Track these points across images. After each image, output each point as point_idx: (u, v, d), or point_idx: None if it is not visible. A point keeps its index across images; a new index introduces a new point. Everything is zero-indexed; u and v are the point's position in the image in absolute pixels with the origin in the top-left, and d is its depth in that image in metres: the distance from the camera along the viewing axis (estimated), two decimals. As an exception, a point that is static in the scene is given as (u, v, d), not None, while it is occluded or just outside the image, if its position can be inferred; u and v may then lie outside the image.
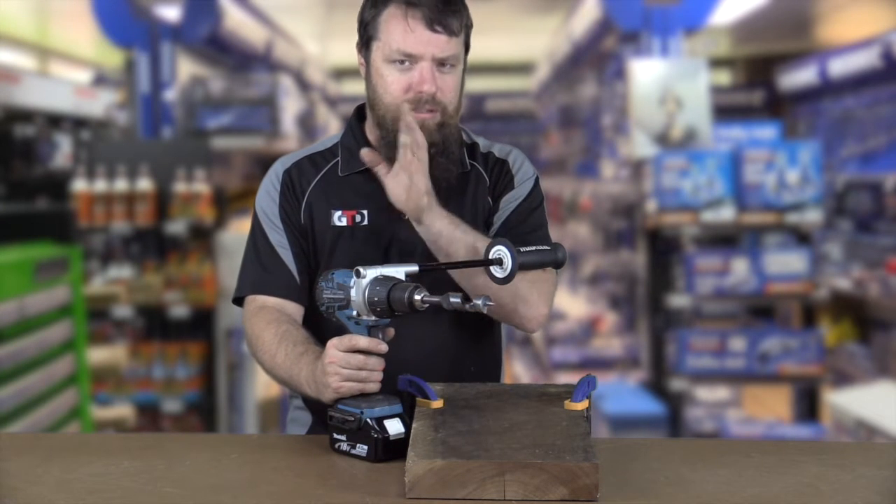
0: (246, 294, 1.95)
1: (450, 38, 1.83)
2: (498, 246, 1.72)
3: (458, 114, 1.90)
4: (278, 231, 1.94)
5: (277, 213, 1.95)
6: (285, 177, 1.96)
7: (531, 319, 1.89)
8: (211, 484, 1.56)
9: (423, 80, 1.83)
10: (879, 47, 7.29)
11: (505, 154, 2.00)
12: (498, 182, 1.97)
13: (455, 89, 1.87)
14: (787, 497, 1.48)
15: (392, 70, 1.85)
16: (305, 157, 1.99)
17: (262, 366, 1.89)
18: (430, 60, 1.83)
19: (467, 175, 1.96)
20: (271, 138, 6.27)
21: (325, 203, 1.93)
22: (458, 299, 1.60)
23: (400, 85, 1.84)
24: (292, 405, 2.04)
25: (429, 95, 1.83)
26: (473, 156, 1.99)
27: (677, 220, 5.27)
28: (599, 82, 7.46)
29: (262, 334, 1.87)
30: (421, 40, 1.82)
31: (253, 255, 1.96)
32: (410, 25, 1.82)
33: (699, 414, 5.57)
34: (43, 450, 1.76)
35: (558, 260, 1.75)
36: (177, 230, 5.28)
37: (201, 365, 5.34)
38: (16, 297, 3.85)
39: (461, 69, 1.89)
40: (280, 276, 1.93)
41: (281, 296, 1.92)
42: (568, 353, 6.88)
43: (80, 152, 6.15)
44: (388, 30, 1.84)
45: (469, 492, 1.45)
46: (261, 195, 1.98)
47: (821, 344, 5.27)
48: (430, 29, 1.82)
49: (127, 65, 6.30)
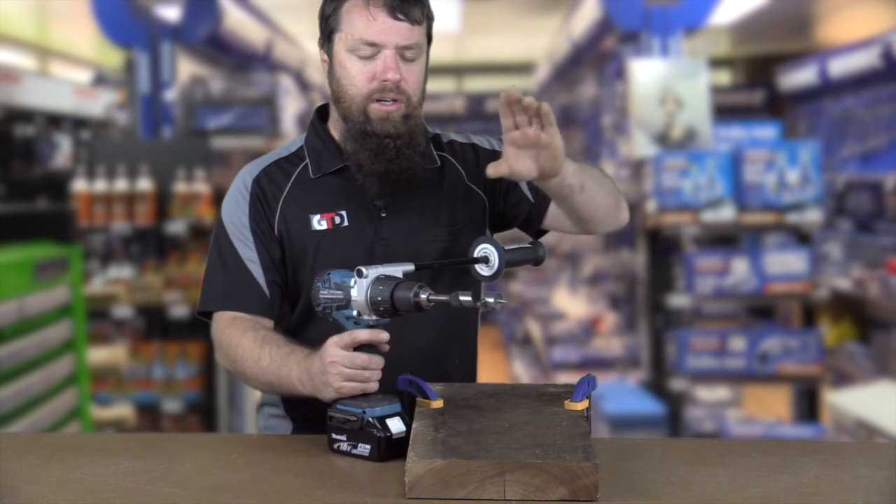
0: (214, 310, 1.92)
1: (412, 27, 1.83)
2: (484, 244, 1.73)
3: (421, 105, 1.90)
4: (247, 244, 1.90)
5: (248, 224, 1.91)
6: (254, 187, 1.92)
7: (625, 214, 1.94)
8: (211, 484, 1.56)
9: (388, 68, 1.82)
10: (879, 47, 7.29)
11: (467, 139, 2.01)
12: (478, 166, 1.95)
13: (418, 80, 1.87)
14: (787, 497, 1.48)
15: (355, 61, 1.85)
16: (273, 164, 1.96)
17: (243, 373, 1.85)
18: (393, 49, 1.83)
19: (441, 168, 1.96)
20: (271, 138, 6.27)
21: (300, 209, 1.91)
22: (469, 297, 1.60)
23: (364, 75, 1.84)
24: (263, 413, 2.01)
25: (393, 83, 1.83)
26: (440, 147, 1.99)
27: (677, 220, 5.27)
28: (599, 82, 7.46)
29: (240, 342, 1.84)
30: (383, 28, 1.82)
31: (219, 268, 1.92)
32: (373, 14, 1.82)
33: (699, 414, 5.57)
34: (43, 450, 1.75)
35: (539, 257, 1.79)
36: (177, 230, 5.28)
37: (201, 365, 5.34)
38: (16, 297, 3.85)
39: (424, 60, 1.89)
40: (250, 291, 1.89)
41: (252, 311, 1.89)
42: (568, 353, 6.88)
43: (80, 152, 6.15)
44: (350, 20, 1.84)
45: (469, 492, 1.44)
46: (228, 205, 1.93)
47: (821, 344, 5.27)
48: (393, 17, 1.82)
49: (127, 65, 6.30)
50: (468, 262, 1.72)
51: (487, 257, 1.71)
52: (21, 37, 10.07)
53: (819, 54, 8.73)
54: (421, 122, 1.92)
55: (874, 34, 7.52)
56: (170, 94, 6.12)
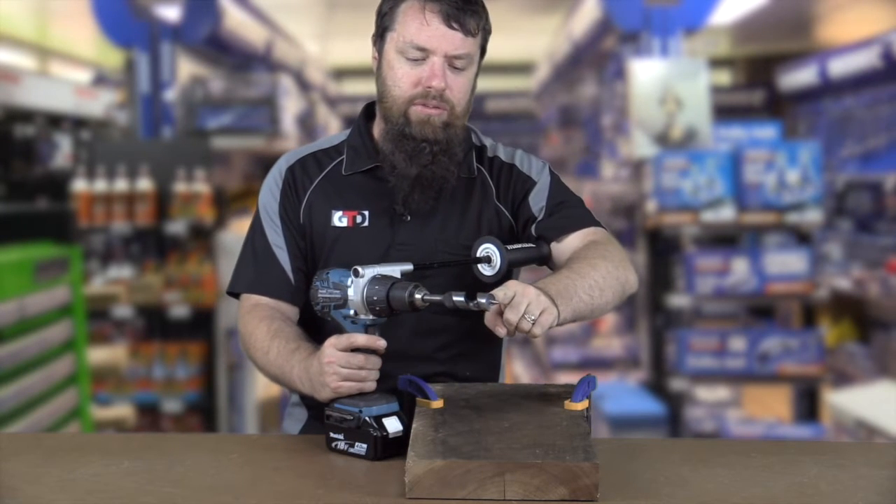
0: (240, 291, 1.95)
1: (465, 37, 1.82)
2: (486, 244, 1.72)
3: (465, 116, 1.88)
4: (276, 229, 1.93)
5: (277, 210, 1.94)
6: (288, 174, 1.95)
7: (633, 286, 1.87)
8: (211, 484, 1.56)
9: (434, 76, 1.81)
10: (879, 47, 7.29)
11: (510, 157, 1.97)
12: (510, 188, 1.94)
13: (465, 90, 1.86)
14: (787, 497, 1.48)
15: (403, 63, 1.84)
16: (310, 155, 1.97)
17: (255, 363, 1.89)
18: (442, 56, 1.81)
19: (473, 181, 1.94)
20: (271, 138, 6.26)
21: (325, 203, 1.92)
22: (462, 297, 1.60)
23: (410, 79, 1.83)
24: (291, 400, 2.03)
25: (437, 91, 1.82)
26: (481, 160, 1.96)
27: (677, 220, 5.27)
28: (599, 82, 7.45)
29: (254, 331, 1.87)
30: (435, 35, 1.81)
31: (250, 252, 1.95)
32: (427, 19, 1.81)
33: (699, 414, 5.57)
34: (43, 450, 1.75)
35: (543, 254, 1.79)
36: (177, 230, 5.27)
37: (201, 365, 5.34)
38: (16, 297, 3.85)
39: (474, 72, 1.88)
40: (275, 276, 1.92)
41: (275, 296, 1.92)
42: (568, 353, 6.88)
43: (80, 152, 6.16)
44: (404, 21, 1.83)
45: (469, 492, 1.44)
46: (264, 191, 1.97)
47: (821, 344, 5.27)
48: (447, 25, 1.81)
49: (127, 65, 6.29)
50: (470, 261, 1.72)
51: (489, 257, 1.71)
52: (21, 37, 10.07)
53: (819, 54, 8.72)
54: (462, 131, 1.89)
55: (874, 34, 7.51)
56: (170, 94, 6.12)
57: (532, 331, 1.62)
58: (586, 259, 1.79)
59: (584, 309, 1.74)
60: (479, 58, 1.89)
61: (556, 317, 1.65)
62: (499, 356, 2.01)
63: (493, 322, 1.63)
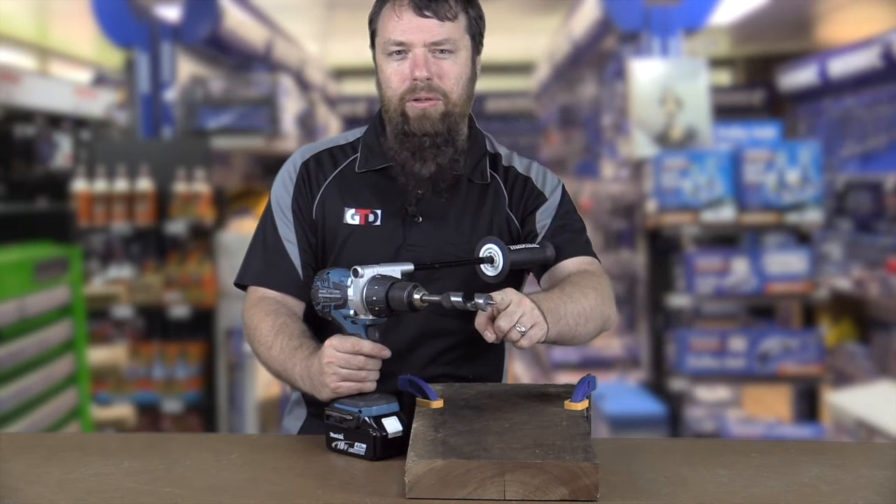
0: (248, 283, 1.95)
1: (442, 23, 1.83)
2: (489, 244, 1.72)
3: (464, 103, 1.88)
4: (288, 223, 1.93)
5: (290, 204, 1.94)
6: (302, 169, 1.95)
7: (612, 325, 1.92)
8: (211, 484, 1.56)
9: (416, 66, 1.82)
10: (879, 47, 7.29)
11: (526, 169, 1.97)
12: (522, 199, 1.94)
13: (456, 76, 1.85)
14: (787, 497, 1.48)
15: (390, 62, 1.85)
16: (326, 150, 1.97)
17: (259, 357, 1.89)
18: (422, 46, 1.82)
19: (487, 188, 1.94)
20: (271, 138, 6.26)
21: (338, 200, 1.92)
22: (460, 298, 1.60)
23: (397, 76, 1.85)
24: (291, 398, 2.03)
25: (423, 81, 1.82)
26: (495, 167, 1.96)
27: (677, 220, 5.27)
28: (599, 82, 7.45)
29: (259, 325, 1.87)
30: (410, 27, 1.82)
31: (260, 244, 1.95)
32: (398, 13, 1.83)
33: (699, 414, 5.57)
34: (43, 450, 1.75)
35: (548, 257, 1.79)
36: (177, 230, 5.28)
37: (201, 365, 5.34)
38: (16, 297, 3.85)
39: (465, 56, 1.87)
40: (284, 270, 1.92)
41: (282, 290, 1.92)
42: (568, 353, 6.87)
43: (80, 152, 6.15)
44: (383, 23, 1.86)
45: (469, 492, 1.44)
46: (277, 184, 1.97)
47: (821, 344, 5.27)
48: (419, 15, 1.82)
49: (127, 65, 6.29)
50: (472, 262, 1.72)
51: (492, 257, 1.71)
52: (21, 37, 10.07)
53: (819, 54, 8.72)
54: (465, 120, 1.89)
55: (874, 34, 7.51)
56: (170, 94, 6.12)
57: (520, 342, 1.63)
58: (579, 286, 1.81)
59: (568, 334, 1.76)
60: (470, 43, 1.88)
61: (545, 333, 1.67)
62: (502, 359, 2.01)
63: (484, 326, 1.64)
